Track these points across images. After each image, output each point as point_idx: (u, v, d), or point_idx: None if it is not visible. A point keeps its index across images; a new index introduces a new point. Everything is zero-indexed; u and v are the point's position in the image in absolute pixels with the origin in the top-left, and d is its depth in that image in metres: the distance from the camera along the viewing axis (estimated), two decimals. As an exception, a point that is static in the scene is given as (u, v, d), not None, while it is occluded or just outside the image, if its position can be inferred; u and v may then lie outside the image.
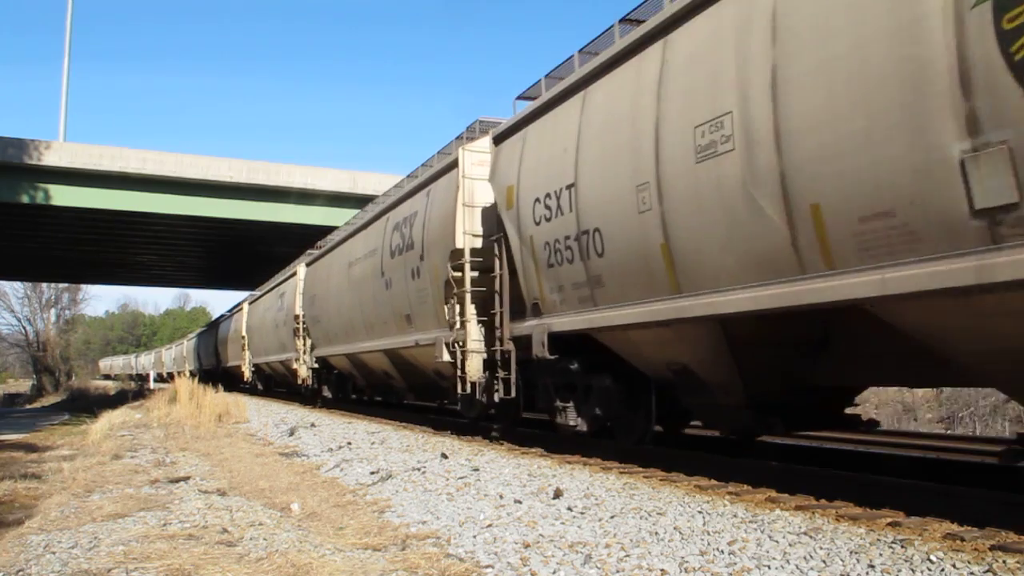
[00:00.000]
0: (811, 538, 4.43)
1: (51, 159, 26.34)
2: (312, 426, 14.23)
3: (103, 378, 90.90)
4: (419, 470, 7.96)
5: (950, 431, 18.89)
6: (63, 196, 27.16)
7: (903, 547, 4.13)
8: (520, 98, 9.62)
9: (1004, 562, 3.79)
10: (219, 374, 37.10)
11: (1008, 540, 4.14)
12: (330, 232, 22.16)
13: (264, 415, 18.31)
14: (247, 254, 38.87)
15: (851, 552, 4.11)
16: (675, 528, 4.88)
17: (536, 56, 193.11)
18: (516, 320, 9.21)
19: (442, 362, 10.97)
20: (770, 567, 4.01)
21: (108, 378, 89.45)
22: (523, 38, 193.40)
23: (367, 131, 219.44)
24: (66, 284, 66.69)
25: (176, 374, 40.09)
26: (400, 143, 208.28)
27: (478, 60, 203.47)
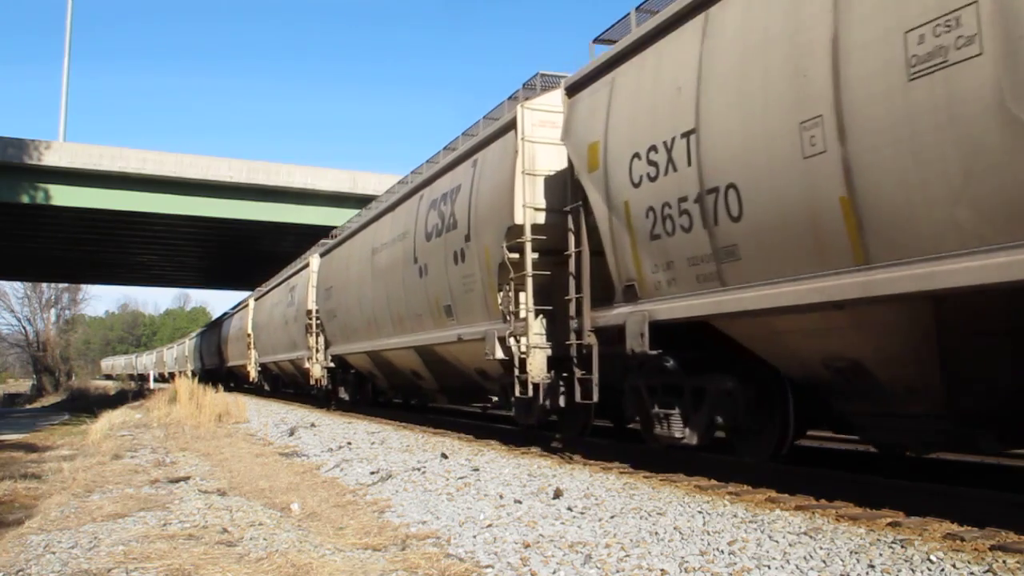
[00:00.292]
0: (811, 538, 4.43)
1: (51, 159, 26.35)
2: (312, 426, 14.24)
3: (105, 378, 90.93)
4: (419, 470, 7.96)
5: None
6: (63, 196, 27.17)
7: (903, 547, 4.13)
8: (599, 41, 7.95)
9: (1004, 562, 3.79)
10: (222, 374, 36.33)
11: (1008, 540, 4.14)
12: (330, 232, 21.92)
13: (264, 415, 18.31)
14: (247, 254, 38.89)
15: (851, 552, 4.11)
16: (675, 528, 4.88)
17: (536, 56, 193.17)
18: (597, 308, 7.68)
19: (493, 360, 9.48)
20: (770, 567, 4.01)
21: (110, 378, 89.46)
22: (523, 38, 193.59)
23: (367, 131, 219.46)
24: (66, 284, 66.77)
25: (178, 374, 39.25)
26: (400, 143, 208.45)
27: (478, 60, 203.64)
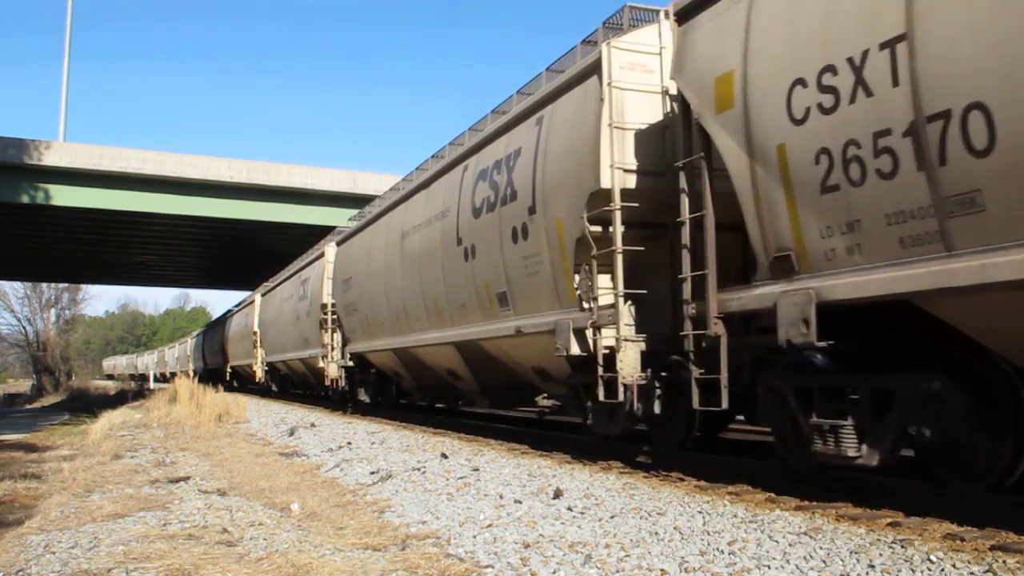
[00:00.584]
0: (811, 538, 4.43)
1: (51, 159, 26.37)
2: (312, 426, 14.24)
3: (106, 378, 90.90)
4: (419, 470, 7.96)
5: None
6: (63, 196, 27.19)
7: (903, 547, 4.12)
8: None
9: (1004, 562, 3.79)
10: (225, 374, 35.29)
11: (1008, 540, 4.14)
12: (330, 232, 21.84)
13: (264, 415, 18.32)
14: (247, 254, 38.92)
15: (851, 552, 4.11)
16: (675, 528, 4.88)
17: (536, 56, 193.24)
18: (726, 289, 6.17)
19: (561, 357, 8.01)
20: (770, 567, 4.01)
21: (111, 378, 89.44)
22: (523, 38, 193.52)
23: (367, 131, 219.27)
24: (66, 284, 66.78)
25: (180, 374, 38.46)
26: (400, 143, 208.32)
27: (478, 60, 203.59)
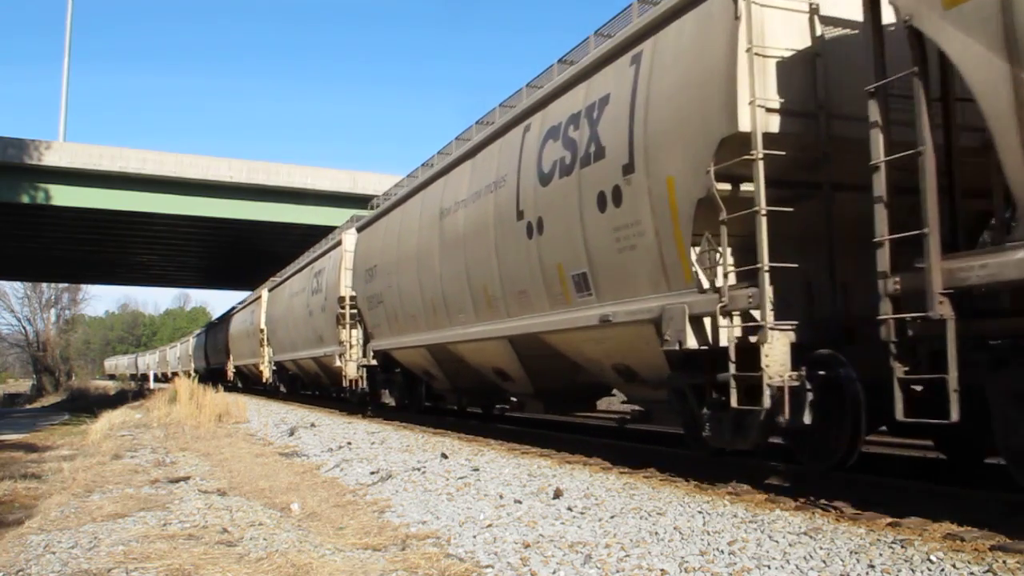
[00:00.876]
0: (811, 538, 4.43)
1: (51, 159, 26.38)
2: (312, 426, 14.24)
3: (108, 378, 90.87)
4: (419, 470, 7.96)
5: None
6: (63, 196, 27.20)
7: (903, 547, 4.12)
8: None
9: (1004, 562, 3.79)
10: (230, 374, 34.37)
11: (1008, 540, 4.14)
12: (330, 232, 21.81)
13: (264, 415, 18.31)
14: (247, 254, 38.92)
15: (851, 552, 4.11)
16: (675, 528, 4.88)
17: (537, 56, 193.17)
18: (956, 255, 4.47)
19: (682, 350, 6.37)
20: (770, 567, 4.01)
21: (112, 378, 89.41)
22: (523, 38, 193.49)
23: (367, 131, 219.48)
24: (66, 284, 66.77)
25: (181, 374, 37.54)
26: (400, 143, 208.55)
27: (478, 60, 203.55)
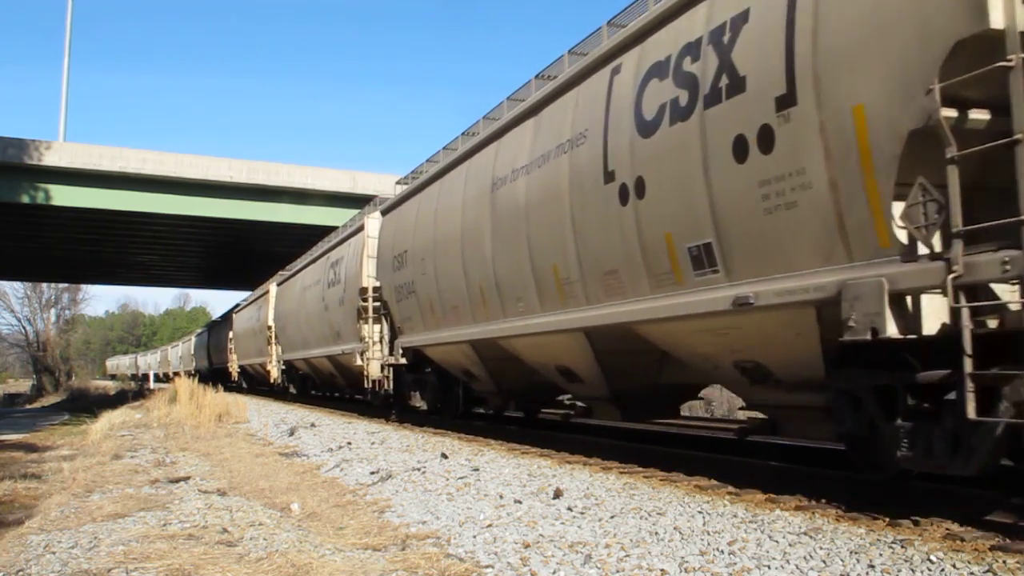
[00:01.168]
0: (811, 538, 4.43)
1: (51, 159, 26.35)
2: (312, 426, 14.24)
3: (110, 378, 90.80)
4: (419, 470, 7.96)
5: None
6: (63, 196, 27.17)
7: (903, 547, 4.12)
8: None
9: (1004, 562, 3.79)
10: (234, 375, 33.54)
11: (1008, 540, 4.14)
12: (330, 232, 21.69)
13: (264, 415, 18.30)
14: (247, 254, 38.88)
15: (851, 552, 4.11)
16: (675, 528, 4.88)
17: (537, 56, 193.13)
18: None
19: (877, 339, 4.59)
20: (770, 567, 4.01)
21: (114, 378, 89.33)
22: (523, 38, 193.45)
23: (367, 131, 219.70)
24: (66, 284, 66.71)
25: (183, 374, 36.93)
26: (400, 143, 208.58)
27: (478, 60, 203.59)
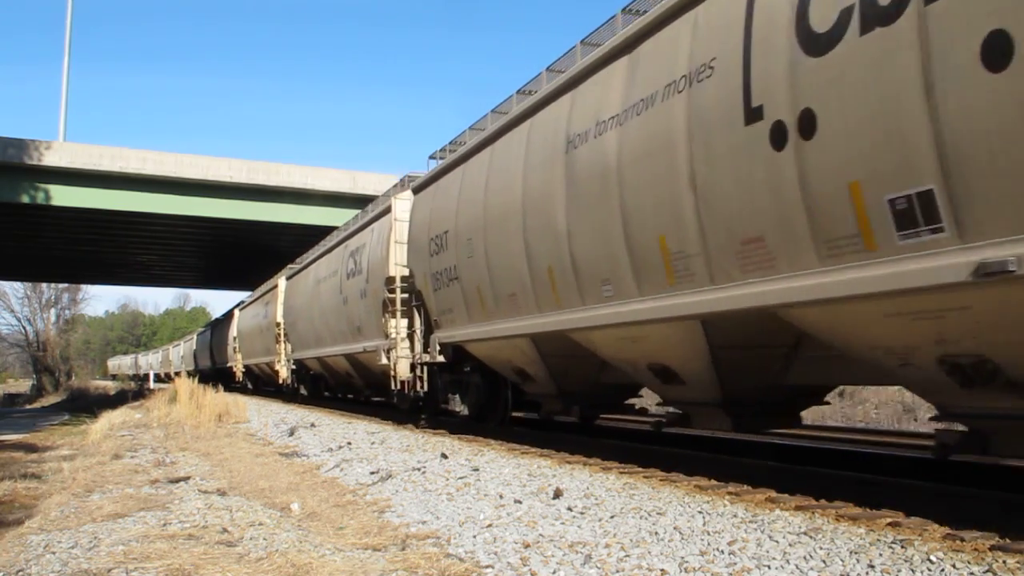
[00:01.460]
0: (811, 538, 4.43)
1: (51, 159, 26.36)
2: (312, 426, 14.23)
3: (111, 378, 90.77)
4: (419, 470, 7.96)
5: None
6: (63, 196, 27.18)
7: (903, 547, 4.12)
8: None
9: (1004, 562, 3.79)
10: (239, 375, 32.77)
11: (1008, 540, 4.14)
12: (330, 232, 21.60)
13: (264, 415, 18.30)
14: (247, 254, 38.90)
15: (851, 552, 4.11)
16: (675, 528, 4.88)
17: (537, 55, 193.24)
18: None
19: None
20: (770, 567, 4.01)
21: (115, 378, 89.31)
22: (523, 38, 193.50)
23: (367, 131, 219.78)
24: (66, 284, 66.75)
25: (184, 374, 36.04)
26: (400, 143, 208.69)
27: (478, 60, 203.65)
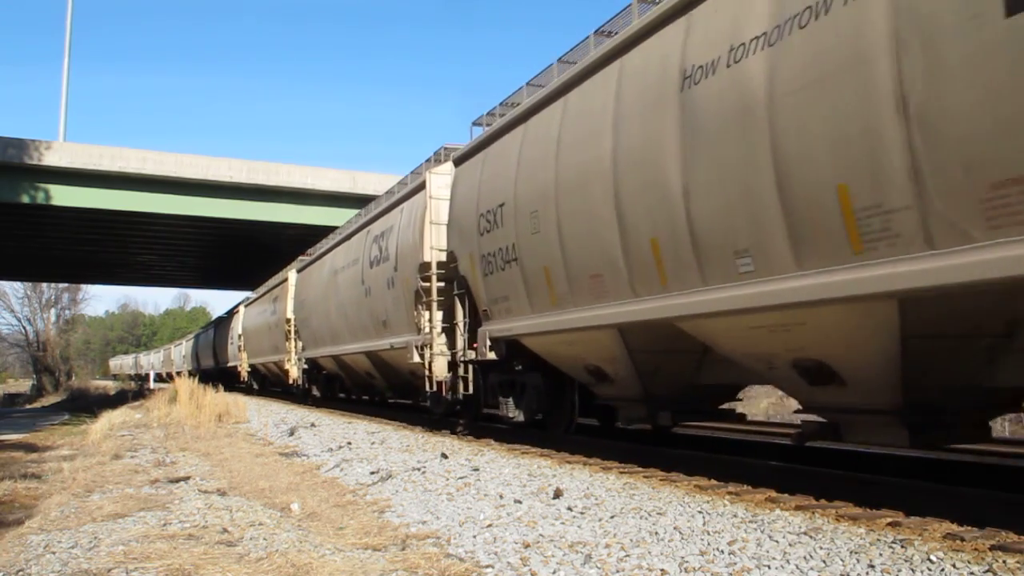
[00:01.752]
0: (811, 538, 4.43)
1: (51, 159, 26.35)
2: (312, 426, 14.23)
3: (112, 378, 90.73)
4: (419, 470, 7.96)
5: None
6: (63, 196, 27.17)
7: (903, 547, 4.13)
8: None
9: (1004, 562, 3.79)
10: (244, 375, 31.81)
11: (1008, 540, 4.14)
12: (330, 232, 21.53)
13: (264, 415, 18.30)
14: (247, 254, 38.88)
15: (851, 552, 4.11)
16: (675, 528, 4.88)
17: (537, 55, 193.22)
18: None
19: None
20: (770, 567, 4.01)
21: (115, 378, 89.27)
22: (523, 38, 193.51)
23: (367, 131, 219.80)
24: (66, 284, 66.75)
25: (186, 374, 35.35)
26: (400, 143, 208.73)
27: (478, 60, 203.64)
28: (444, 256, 11.23)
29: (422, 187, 12.18)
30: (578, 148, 7.56)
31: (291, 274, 22.91)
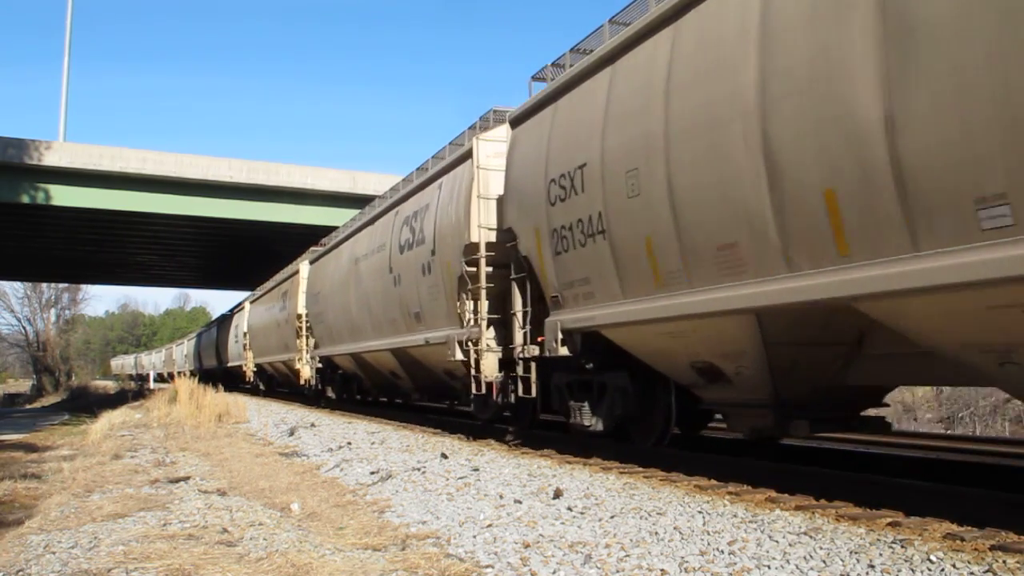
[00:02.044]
0: (811, 538, 4.43)
1: (51, 159, 26.35)
2: (312, 426, 14.23)
3: (114, 378, 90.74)
4: (419, 470, 7.96)
5: (950, 431, 18.92)
6: (63, 196, 27.18)
7: (903, 547, 4.13)
8: None
9: (1004, 562, 3.79)
10: (249, 375, 30.46)
11: (1008, 540, 4.14)
12: (330, 232, 21.50)
13: (264, 415, 18.30)
14: (247, 254, 38.89)
15: (851, 552, 4.11)
16: (675, 528, 4.88)
17: (537, 55, 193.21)
18: None
19: None
20: (770, 567, 4.01)
21: (116, 378, 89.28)
22: (523, 38, 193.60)
23: (367, 131, 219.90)
24: (66, 284, 66.75)
25: (189, 374, 35.06)
26: (400, 143, 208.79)
27: (478, 60, 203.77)
28: (494, 236, 9.77)
29: (467, 156, 10.46)
30: (700, 84, 6.03)
31: (303, 266, 21.22)
